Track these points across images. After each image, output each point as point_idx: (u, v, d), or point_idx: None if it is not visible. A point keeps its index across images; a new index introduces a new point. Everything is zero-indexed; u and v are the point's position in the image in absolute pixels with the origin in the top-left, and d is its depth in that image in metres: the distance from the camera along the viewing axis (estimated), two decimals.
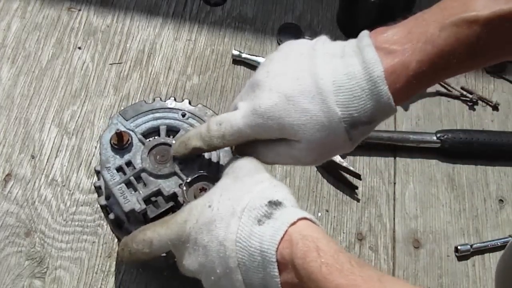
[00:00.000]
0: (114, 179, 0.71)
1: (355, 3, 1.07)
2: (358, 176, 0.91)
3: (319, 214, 0.89)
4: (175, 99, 0.79)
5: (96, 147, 0.93)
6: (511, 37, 0.55)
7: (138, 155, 0.73)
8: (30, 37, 1.05)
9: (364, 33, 0.58)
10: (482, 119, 1.01)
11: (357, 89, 0.55)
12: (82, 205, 0.87)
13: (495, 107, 1.03)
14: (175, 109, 0.79)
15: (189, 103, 0.79)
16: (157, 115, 0.77)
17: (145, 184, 0.71)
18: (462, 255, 0.87)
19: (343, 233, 0.88)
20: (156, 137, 0.75)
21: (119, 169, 0.72)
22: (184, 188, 0.67)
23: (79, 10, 1.09)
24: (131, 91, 1.00)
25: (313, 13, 1.13)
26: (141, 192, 0.70)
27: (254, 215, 0.56)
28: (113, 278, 0.80)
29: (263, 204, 0.56)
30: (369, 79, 0.54)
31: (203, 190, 0.66)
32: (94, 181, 0.75)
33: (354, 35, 1.08)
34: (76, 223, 0.85)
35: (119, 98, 0.99)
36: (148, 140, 0.75)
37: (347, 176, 0.92)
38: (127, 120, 0.76)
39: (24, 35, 1.05)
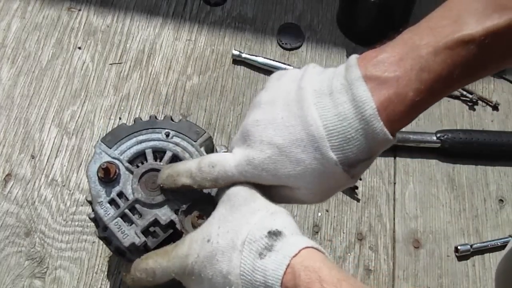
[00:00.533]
0: (108, 214, 0.70)
1: (355, 3, 1.07)
2: None
3: (319, 214, 0.89)
4: (156, 118, 0.77)
5: None
6: (510, 49, 0.52)
7: (128, 185, 0.71)
8: (30, 37, 1.05)
9: (352, 61, 0.54)
10: (482, 119, 1.01)
11: (350, 130, 0.52)
12: (82, 205, 0.87)
13: (495, 107, 1.03)
14: (158, 128, 0.76)
15: (171, 119, 0.77)
16: (140, 138, 0.75)
17: (140, 215, 0.69)
18: (462, 255, 0.87)
19: (343, 233, 0.88)
20: (143, 162, 0.73)
21: (112, 201, 0.70)
22: (181, 217, 0.67)
23: (79, 10, 1.09)
24: (131, 91, 1.00)
25: (313, 13, 1.13)
26: (138, 224, 0.69)
27: (255, 248, 0.55)
28: (113, 278, 0.80)
29: (263, 236, 0.55)
30: (362, 119, 0.52)
31: (201, 217, 0.66)
32: (88, 213, 0.74)
33: (354, 35, 1.08)
34: (76, 223, 0.85)
35: (119, 98, 0.99)
36: (135, 166, 0.73)
37: None
38: (110, 148, 0.74)
39: (24, 35, 1.05)
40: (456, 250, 0.87)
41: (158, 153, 0.75)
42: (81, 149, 0.93)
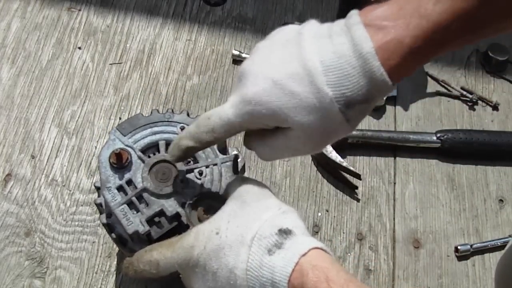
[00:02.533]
0: (115, 200, 0.69)
1: (355, 3, 1.07)
2: (358, 176, 0.91)
3: (319, 214, 0.89)
4: (172, 111, 0.77)
5: (96, 147, 0.93)
6: (510, 8, 0.52)
7: (138, 174, 0.71)
8: (30, 37, 1.05)
9: (353, 12, 0.55)
10: (482, 119, 1.01)
11: (347, 67, 0.52)
12: (82, 205, 0.87)
13: (495, 107, 1.03)
14: (174, 122, 0.76)
15: (188, 114, 0.77)
16: (156, 129, 0.75)
17: (147, 204, 0.69)
18: (462, 255, 0.87)
19: (343, 233, 0.88)
20: (155, 153, 0.73)
21: (120, 188, 0.70)
22: (188, 210, 0.67)
23: (79, 10, 1.09)
24: (131, 91, 1.00)
25: (313, 13, 1.13)
26: (143, 212, 0.68)
27: (264, 244, 0.55)
28: (113, 278, 0.80)
29: (273, 233, 0.55)
30: (359, 56, 0.52)
31: (207, 212, 0.65)
32: (95, 198, 0.74)
33: None
34: (76, 223, 0.85)
35: (119, 98, 0.99)
36: (147, 156, 0.73)
37: (347, 176, 0.92)
38: (124, 136, 0.74)
39: (24, 35, 1.05)
40: (456, 250, 0.87)
41: None
42: (81, 149, 0.93)
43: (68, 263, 0.81)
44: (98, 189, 0.74)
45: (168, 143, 0.74)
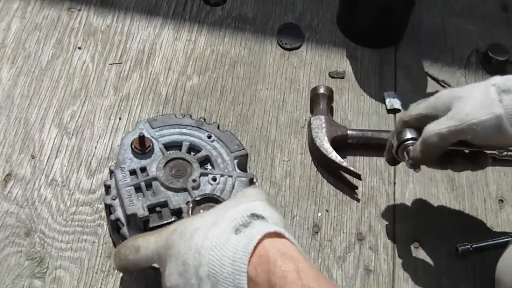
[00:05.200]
0: (125, 180, 0.71)
1: (355, 3, 1.07)
2: (358, 176, 0.91)
3: (319, 214, 0.89)
4: (205, 120, 0.80)
5: (96, 147, 0.93)
6: None
7: (154, 164, 0.73)
8: (30, 37, 1.05)
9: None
10: None
11: None
12: (82, 205, 0.87)
13: None
14: (202, 129, 0.79)
15: (218, 127, 0.80)
16: (184, 130, 0.78)
17: (154, 193, 0.71)
18: (462, 255, 0.87)
19: (343, 233, 0.88)
20: (177, 151, 0.75)
21: (133, 172, 0.72)
22: (191, 205, 0.67)
23: (79, 10, 1.09)
24: (131, 91, 1.00)
25: (313, 13, 1.13)
26: (148, 199, 0.70)
27: (233, 224, 0.54)
28: (113, 278, 0.80)
29: (245, 215, 0.55)
30: None
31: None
32: (105, 179, 0.75)
33: (354, 35, 1.09)
34: (76, 223, 0.85)
35: (119, 98, 0.99)
36: (168, 152, 0.75)
37: (347, 176, 0.92)
38: (153, 128, 0.77)
39: (24, 35, 1.05)
40: (456, 250, 0.87)
41: (194, 150, 0.78)
42: (81, 149, 0.93)
43: (68, 263, 0.81)
44: (111, 172, 0.76)
45: (191, 146, 0.77)
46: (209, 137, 0.78)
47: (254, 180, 0.79)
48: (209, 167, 0.78)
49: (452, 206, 0.92)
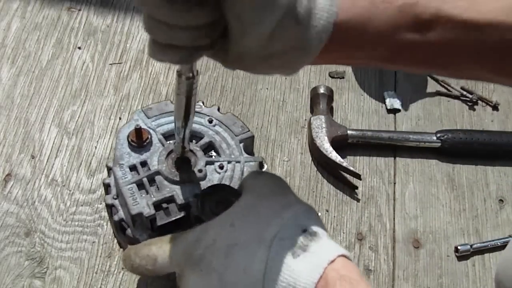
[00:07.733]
0: (125, 178, 0.65)
1: None
2: (358, 176, 0.91)
3: (319, 214, 0.89)
4: (203, 103, 0.73)
5: (96, 147, 0.93)
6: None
7: (155, 157, 0.67)
8: (30, 37, 1.05)
9: None
10: (482, 119, 1.01)
11: None
12: (82, 205, 0.87)
13: (495, 107, 1.03)
14: (202, 113, 0.72)
15: (218, 109, 0.73)
16: None
17: (158, 188, 0.65)
18: (462, 255, 0.87)
19: (343, 233, 0.88)
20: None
21: (133, 168, 0.66)
22: (199, 200, 0.61)
23: (79, 10, 1.09)
24: (131, 91, 1.00)
25: None
26: (152, 196, 0.64)
27: (287, 245, 0.49)
28: (113, 278, 0.80)
29: (297, 233, 0.50)
30: None
31: (221, 205, 0.59)
32: (104, 178, 0.70)
33: None
34: (76, 223, 0.85)
35: (119, 98, 0.99)
36: (168, 142, 0.69)
37: (347, 176, 0.92)
38: (149, 118, 0.71)
39: (24, 35, 1.05)
40: (456, 250, 0.87)
41: (195, 137, 0.71)
42: (81, 149, 0.93)
43: (68, 263, 0.81)
44: (109, 169, 0.70)
45: (192, 133, 0.69)
46: (210, 121, 0.72)
47: (264, 169, 0.73)
48: (213, 154, 0.72)
49: (452, 206, 0.92)
